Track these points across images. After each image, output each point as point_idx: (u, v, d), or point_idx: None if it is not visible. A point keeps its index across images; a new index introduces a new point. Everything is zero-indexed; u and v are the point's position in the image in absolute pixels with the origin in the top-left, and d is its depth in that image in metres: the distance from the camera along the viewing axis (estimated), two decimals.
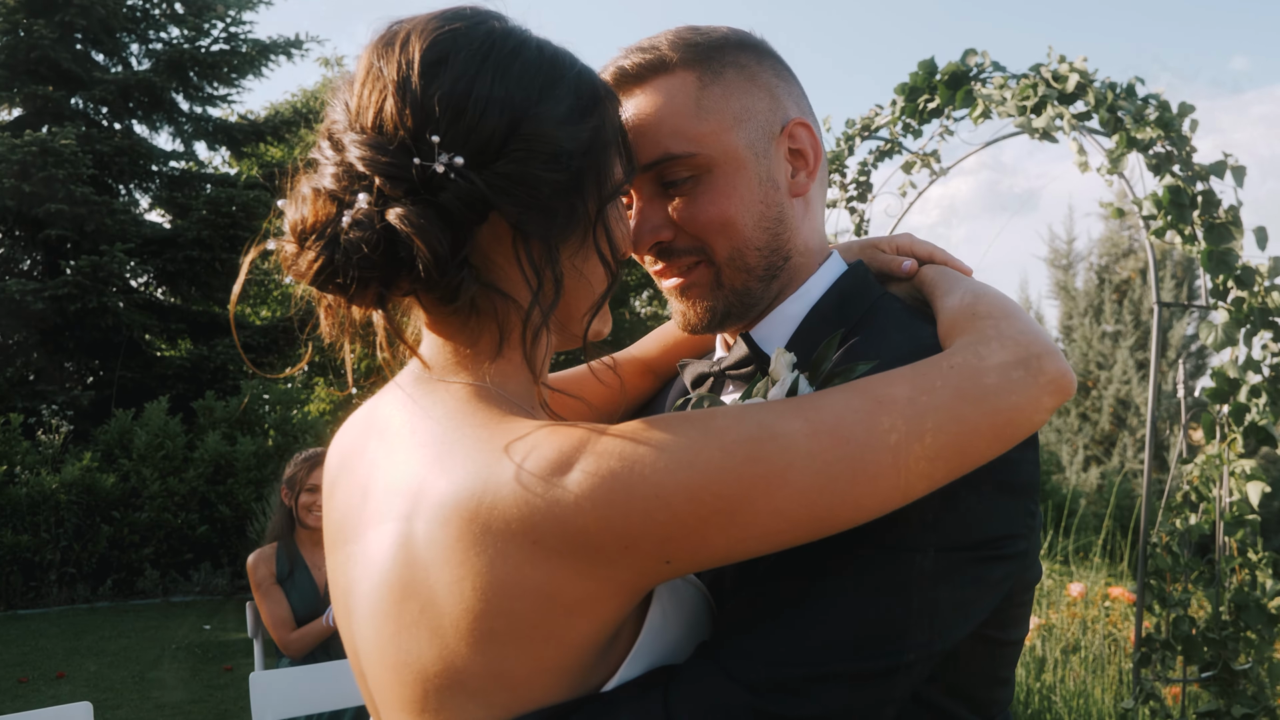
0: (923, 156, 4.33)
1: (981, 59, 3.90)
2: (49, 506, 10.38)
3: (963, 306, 1.12)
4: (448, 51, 0.99)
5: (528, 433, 0.93)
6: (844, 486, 0.91)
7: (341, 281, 0.96)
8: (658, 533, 0.88)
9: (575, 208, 1.04)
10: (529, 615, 0.90)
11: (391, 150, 0.96)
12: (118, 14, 13.77)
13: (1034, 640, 4.79)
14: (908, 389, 0.96)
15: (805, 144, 1.25)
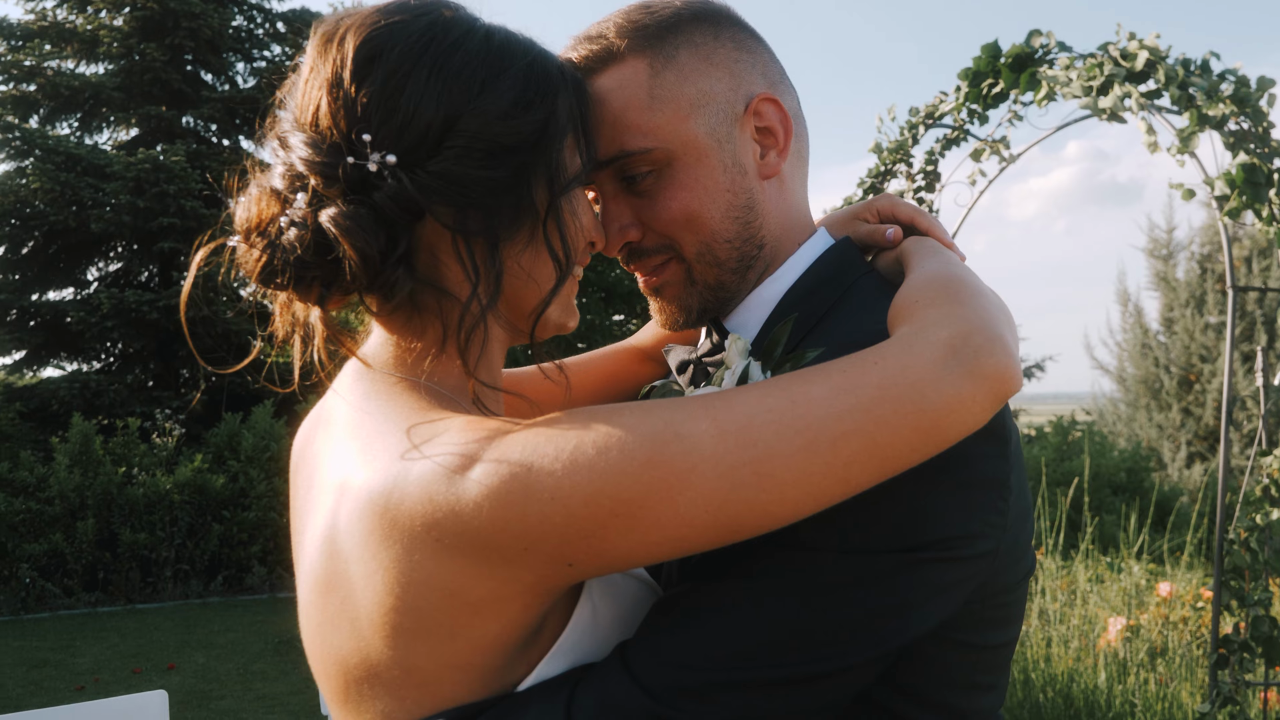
0: (991, 143, 4.22)
1: (1047, 40, 3.77)
2: (164, 506, 10.89)
3: (912, 290, 1.02)
4: (382, 47, 0.98)
5: (444, 429, 0.92)
6: (750, 493, 0.85)
7: (281, 281, 0.98)
8: (556, 535, 0.85)
9: (522, 202, 1.02)
10: (435, 612, 0.90)
11: (325, 150, 0.96)
12: (224, 35, 14.36)
13: (1118, 642, 4.62)
14: (827, 388, 0.88)
15: (773, 120, 1.18)
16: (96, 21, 14.15)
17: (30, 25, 14.16)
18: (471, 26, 1.03)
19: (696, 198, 1.14)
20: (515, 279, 1.05)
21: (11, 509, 10.24)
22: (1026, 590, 1.16)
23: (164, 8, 13.56)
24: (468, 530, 0.86)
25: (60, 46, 14.34)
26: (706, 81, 1.15)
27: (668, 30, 1.15)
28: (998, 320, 0.95)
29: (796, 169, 1.24)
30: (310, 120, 0.99)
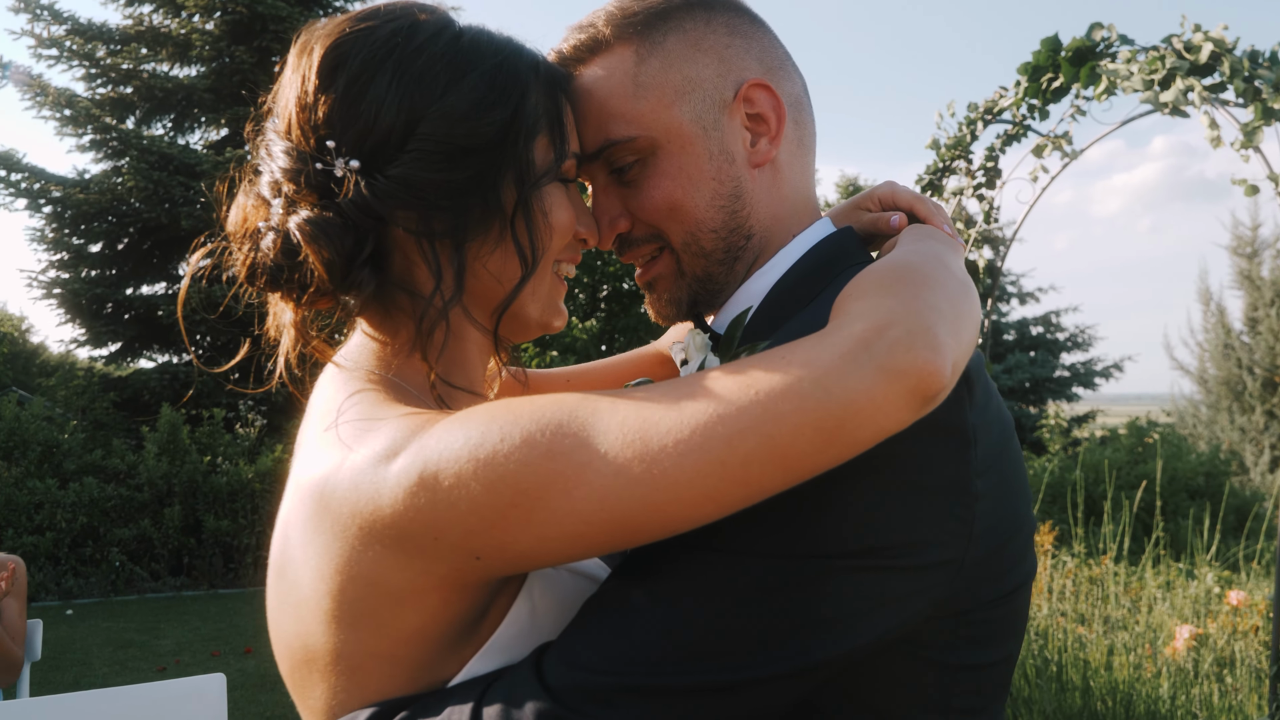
0: (1054, 139, 4.13)
1: (1108, 33, 3.68)
2: (245, 494, 11.25)
3: (857, 282, 0.92)
4: (347, 54, 1.00)
5: (384, 423, 0.93)
6: (644, 491, 0.81)
7: (262, 283, 1.02)
8: (460, 525, 0.85)
9: (489, 202, 1.02)
10: (360, 601, 0.91)
11: (297, 156, 0.99)
12: None
13: (1185, 651, 4.49)
14: (733, 384, 0.82)
15: (765, 107, 1.14)
16: (189, 26, 14.64)
17: (128, 30, 14.73)
18: (441, 29, 1.04)
19: (680, 186, 1.12)
20: (483, 279, 1.05)
21: (104, 495, 10.69)
22: (1019, 609, 1.06)
23: (252, 12, 13.98)
24: (384, 519, 0.87)
25: (155, 50, 14.88)
26: (693, 67, 1.12)
27: (657, 18, 1.14)
28: (934, 312, 0.85)
29: (796, 157, 1.20)
30: (285, 129, 1.02)
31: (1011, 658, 1.07)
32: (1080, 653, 4.67)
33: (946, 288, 0.90)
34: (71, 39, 14.38)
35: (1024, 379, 22.43)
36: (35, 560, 10.18)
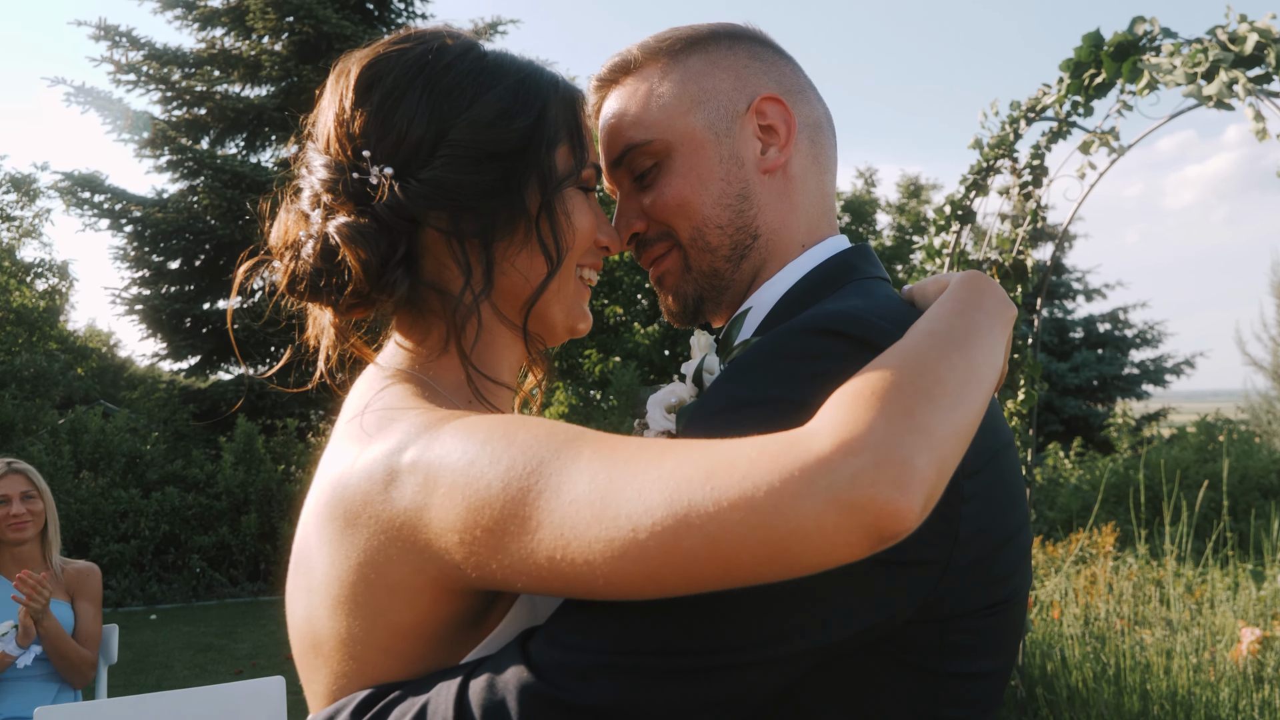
0: (1100, 135, 4.08)
1: (1151, 26, 3.63)
2: None
3: (861, 376, 0.85)
4: (381, 72, 1.09)
5: (402, 421, 0.98)
6: (593, 556, 0.81)
7: (301, 289, 1.09)
8: (446, 535, 0.89)
9: (515, 205, 1.09)
10: (361, 590, 0.97)
11: (335, 168, 1.07)
12: None
13: (1249, 656, 4.37)
14: (696, 471, 0.79)
15: (776, 119, 1.22)
16: (259, 47, 15.09)
17: (201, 53, 15.23)
18: (467, 50, 1.12)
19: (690, 184, 1.20)
20: (510, 277, 1.12)
21: (184, 503, 11.07)
22: (1012, 621, 1.06)
23: (318, 31, 14.36)
24: (385, 516, 0.93)
25: (227, 72, 15.36)
26: (710, 81, 1.22)
27: (685, 42, 1.24)
28: (920, 435, 0.79)
29: (811, 173, 1.25)
30: (324, 145, 1.11)
31: (1003, 671, 1.08)
32: (1140, 656, 4.59)
33: (949, 393, 0.84)
34: (148, 64, 14.92)
35: (1091, 377, 21.90)
36: (121, 567, 10.57)
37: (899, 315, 1.02)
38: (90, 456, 11.27)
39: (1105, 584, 5.25)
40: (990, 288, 1.03)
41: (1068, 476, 11.42)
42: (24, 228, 20.01)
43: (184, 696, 3.24)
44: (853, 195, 25.19)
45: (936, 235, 4.55)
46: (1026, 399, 4.55)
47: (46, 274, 20.49)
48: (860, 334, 0.96)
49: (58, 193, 14.83)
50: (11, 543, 3.87)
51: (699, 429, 0.97)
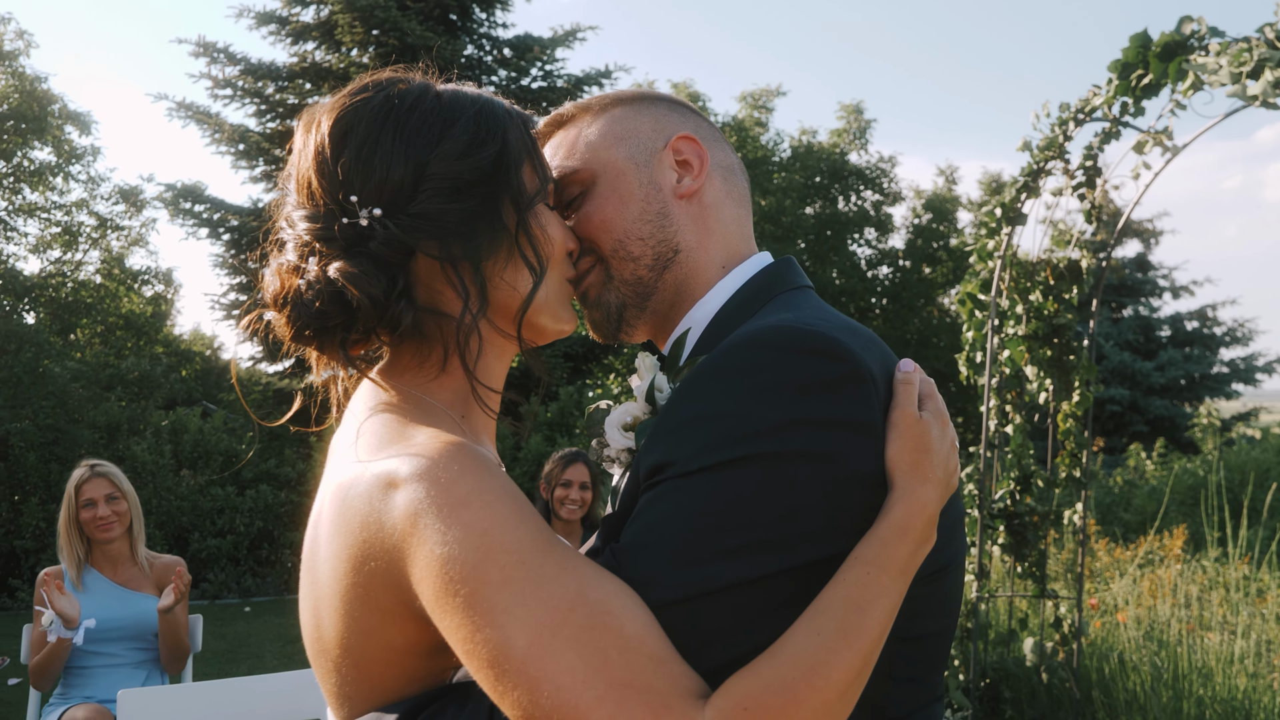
0: (1154, 135, 4.04)
1: (1198, 25, 3.59)
2: None
3: (805, 619, 0.99)
4: (352, 122, 1.17)
5: (400, 446, 1.07)
6: (507, 660, 0.93)
7: (309, 335, 1.18)
8: (418, 585, 0.99)
9: (495, 225, 1.19)
10: (358, 609, 1.06)
11: (323, 217, 1.16)
12: (456, 63, 15.44)
13: None
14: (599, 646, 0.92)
15: (690, 154, 1.36)
16: (348, 60, 15.58)
17: (293, 67, 15.80)
18: (424, 91, 1.21)
19: (612, 205, 1.33)
20: (501, 291, 1.21)
21: (277, 500, 11.53)
22: (949, 587, 1.19)
23: (403, 43, 14.77)
24: (380, 543, 1.02)
25: (318, 85, 15.90)
26: (633, 124, 1.38)
27: (614, 100, 1.42)
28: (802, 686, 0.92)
29: (725, 206, 1.38)
30: (305, 196, 1.19)
31: (944, 632, 1.20)
32: (1201, 661, 4.52)
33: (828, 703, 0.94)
34: (243, 78, 15.55)
35: (1178, 376, 21.14)
36: (217, 562, 11.07)
37: (822, 321, 1.13)
38: (190, 455, 11.81)
39: (1170, 587, 5.16)
40: (911, 534, 1.05)
41: (1149, 478, 11.13)
42: (132, 236, 21.01)
43: (259, 681, 3.45)
44: (933, 193, 24.80)
45: (988, 238, 4.55)
46: (1081, 400, 4.52)
47: (153, 281, 21.47)
48: (788, 343, 1.07)
49: (162, 203, 15.55)
50: (100, 542, 4.15)
51: (662, 446, 1.07)
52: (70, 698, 3.97)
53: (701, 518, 1.00)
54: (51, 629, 3.83)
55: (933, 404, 1.14)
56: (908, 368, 1.14)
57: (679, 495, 1.02)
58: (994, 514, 4.56)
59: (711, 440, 1.02)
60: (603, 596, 0.94)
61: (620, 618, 0.93)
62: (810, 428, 1.02)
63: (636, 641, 0.92)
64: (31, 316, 18.32)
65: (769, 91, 23.81)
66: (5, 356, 11.12)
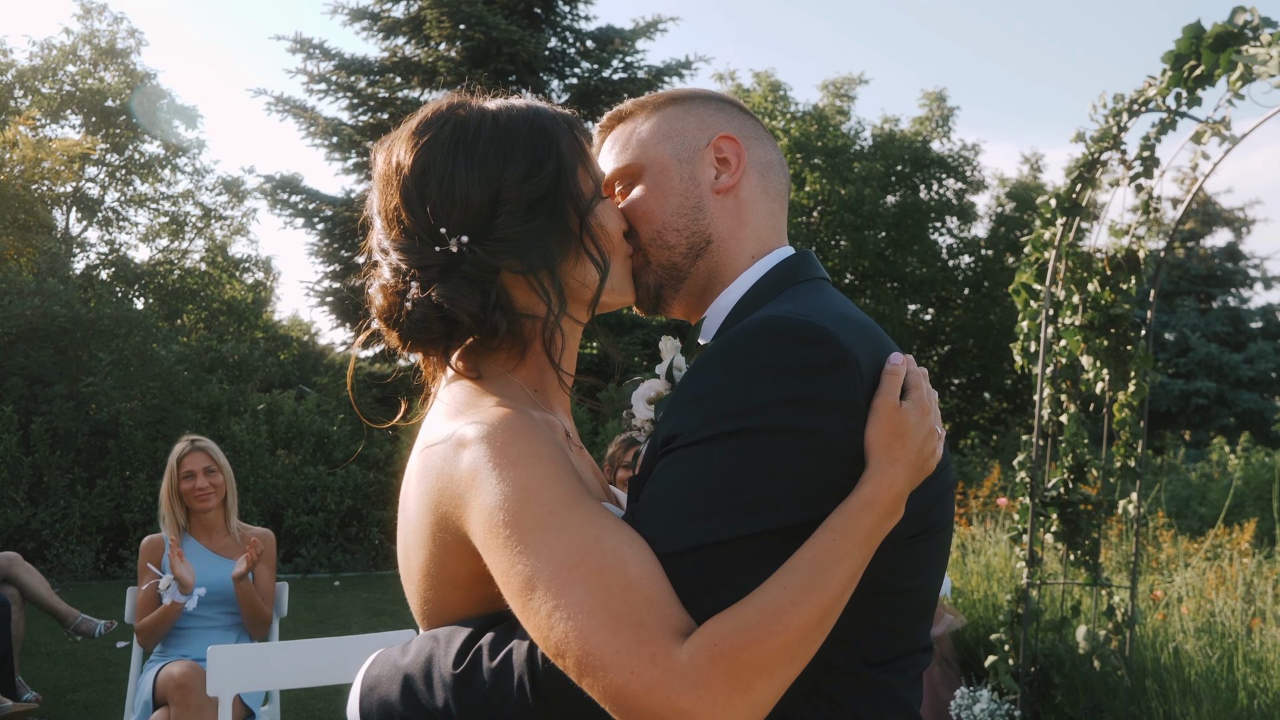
0: (1213, 125, 4.04)
1: (1250, 16, 3.60)
2: None
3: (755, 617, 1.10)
4: (428, 161, 1.33)
5: (473, 414, 1.25)
6: (533, 591, 1.10)
7: (414, 344, 1.38)
8: (470, 526, 1.19)
9: (565, 231, 1.35)
10: (433, 542, 1.28)
11: (418, 248, 1.32)
12: (539, 56, 15.75)
13: None
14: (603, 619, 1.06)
15: (729, 153, 1.49)
16: (435, 54, 16.01)
17: (385, 62, 16.30)
18: (482, 117, 1.36)
19: (654, 197, 1.48)
20: (574, 287, 1.39)
21: (366, 480, 12.01)
22: (931, 549, 1.32)
23: (488, 37, 15.12)
24: (447, 489, 1.22)
25: (407, 79, 16.38)
26: (680, 122, 1.52)
27: (668, 100, 1.56)
28: (746, 711, 1.05)
29: (760, 200, 1.52)
30: (399, 230, 1.35)
31: (925, 588, 1.34)
32: (1258, 652, 4.50)
33: (791, 657, 1.09)
34: (337, 73, 16.10)
35: (1268, 369, 20.35)
36: (309, 538, 11.58)
37: (817, 312, 1.28)
38: (284, 436, 12.36)
39: (1233, 580, 5.13)
40: (876, 508, 1.17)
41: (1233, 472, 10.86)
42: (234, 226, 21.95)
43: (337, 642, 3.73)
44: (1017, 182, 24.28)
45: (1044, 228, 4.59)
46: (1137, 390, 4.54)
47: (253, 268, 22.39)
48: (782, 331, 1.22)
49: (262, 194, 16.25)
50: (198, 511, 4.51)
51: (674, 419, 1.23)
52: (169, 655, 4.32)
53: (702, 482, 1.15)
54: (167, 593, 4.20)
55: (916, 394, 1.25)
56: (896, 360, 1.26)
57: (684, 463, 1.17)
58: (1046, 502, 4.62)
59: (712, 415, 1.17)
60: (616, 545, 1.11)
61: (628, 563, 1.09)
62: (796, 406, 1.16)
63: (638, 584, 1.08)
64: (140, 302, 19.29)
65: (851, 80, 23.64)
66: (116, 340, 11.79)
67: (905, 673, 1.30)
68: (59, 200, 18.86)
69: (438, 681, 1.22)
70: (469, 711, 1.19)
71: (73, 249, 19.28)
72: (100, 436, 11.25)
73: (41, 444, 10.70)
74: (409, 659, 1.27)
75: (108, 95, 19.24)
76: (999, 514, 8.00)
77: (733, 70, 26.11)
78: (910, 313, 24.18)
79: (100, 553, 10.89)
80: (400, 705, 1.25)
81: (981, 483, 10.54)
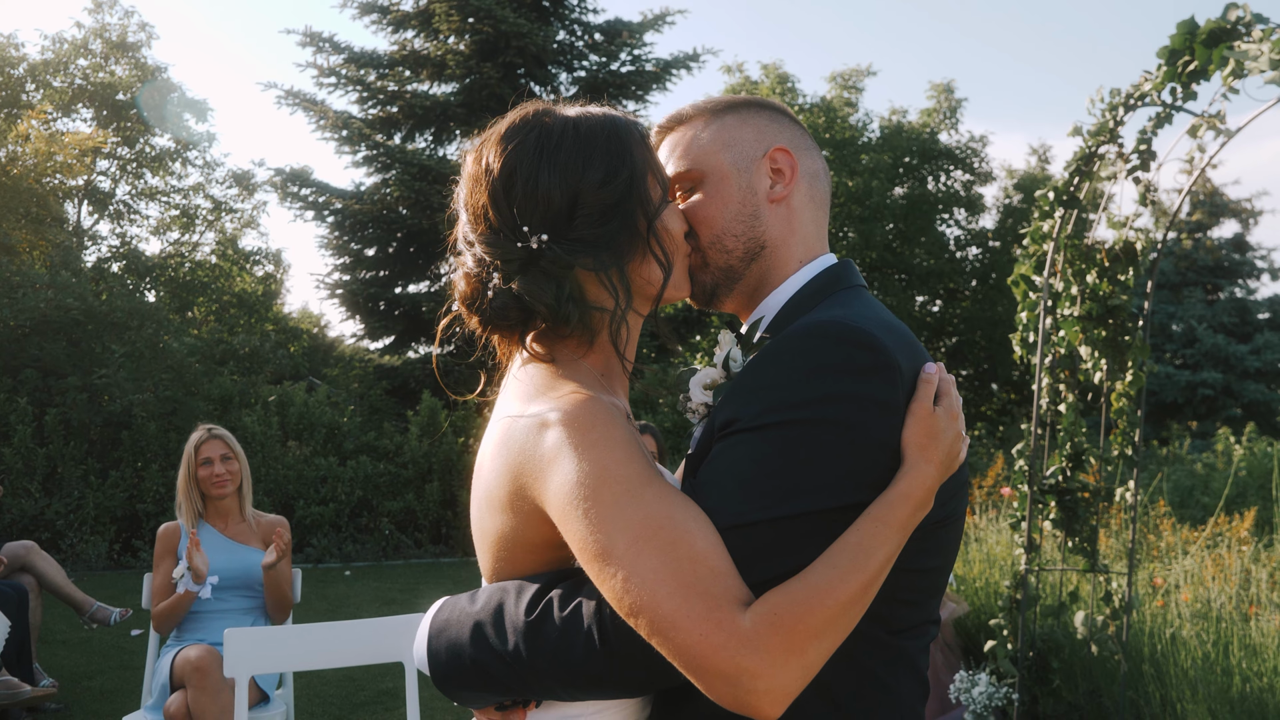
0: (1208, 119, 4.10)
1: (1243, 12, 3.66)
2: None
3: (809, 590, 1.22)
4: (516, 165, 1.44)
5: (553, 396, 1.38)
6: (609, 559, 1.23)
7: (492, 328, 1.51)
8: (548, 498, 1.32)
9: (634, 233, 1.47)
10: (508, 509, 1.40)
11: (502, 243, 1.45)
12: (548, 50, 15.83)
13: None
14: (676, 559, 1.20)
15: (784, 165, 1.60)
16: (444, 47, 16.10)
17: (394, 55, 16.40)
18: (564, 125, 1.47)
19: (715, 204, 1.58)
20: (640, 284, 1.51)
21: (376, 471, 12.13)
22: (950, 533, 1.47)
23: (497, 30, 15.19)
24: (528, 465, 1.34)
25: (416, 72, 16.47)
26: (738, 132, 1.62)
27: (724, 106, 1.65)
28: (800, 672, 1.19)
29: (808, 209, 1.64)
30: (485, 226, 1.47)
31: (943, 568, 1.48)
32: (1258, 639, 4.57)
33: (839, 625, 1.23)
34: (347, 67, 16.20)
35: (1275, 360, 20.34)
36: (320, 528, 11.72)
37: (865, 319, 1.42)
38: (295, 427, 12.49)
39: (1230, 568, 5.20)
40: (911, 500, 1.31)
41: (1237, 462, 10.92)
42: (244, 219, 22.06)
43: (350, 626, 3.83)
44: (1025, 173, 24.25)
45: (1042, 221, 4.66)
46: (1134, 380, 4.61)
47: (263, 261, 22.51)
48: (835, 335, 1.35)
49: (272, 187, 16.35)
50: (214, 497, 4.61)
51: (734, 405, 1.37)
52: (185, 640, 4.42)
53: (757, 464, 1.29)
54: (182, 581, 4.31)
55: (946, 401, 1.39)
56: (930, 369, 1.40)
57: (743, 446, 1.31)
58: (1044, 490, 4.70)
59: (771, 405, 1.31)
60: (684, 519, 1.24)
61: (695, 536, 1.23)
62: (844, 402, 1.30)
63: (704, 555, 1.22)
64: (152, 294, 19.42)
65: (859, 71, 23.64)
66: (129, 332, 11.92)
67: (919, 640, 1.45)
68: (70, 194, 19.00)
69: (509, 627, 1.35)
70: (538, 655, 1.32)
71: (84, 242, 19.41)
72: (113, 428, 11.39)
73: (55, 435, 10.85)
74: (479, 606, 1.40)
75: (119, 89, 19.35)
76: (1002, 503, 8.08)
77: (740, 62, 26.07)
78: (918, 304, 24.22)
79: (114, 543, 11.05)
80: (470, 648, 1.38)
81: (985, 473, 10.60)
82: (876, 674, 1.38)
